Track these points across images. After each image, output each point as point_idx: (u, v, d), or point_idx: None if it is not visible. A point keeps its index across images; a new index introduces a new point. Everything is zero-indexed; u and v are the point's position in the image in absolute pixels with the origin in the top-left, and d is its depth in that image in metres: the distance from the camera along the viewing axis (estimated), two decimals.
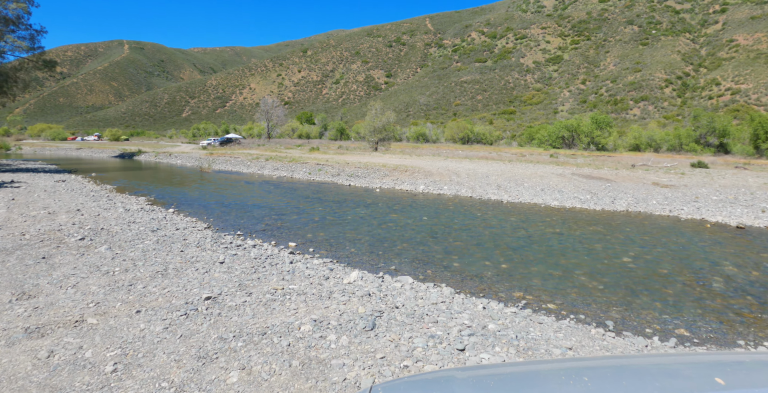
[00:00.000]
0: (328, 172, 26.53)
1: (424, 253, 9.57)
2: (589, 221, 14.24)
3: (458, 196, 19.16)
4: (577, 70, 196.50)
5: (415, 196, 19.20)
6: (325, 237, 11.15)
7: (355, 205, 16.38)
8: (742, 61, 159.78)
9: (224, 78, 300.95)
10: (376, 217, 14.15)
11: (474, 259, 9.23)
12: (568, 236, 11.96)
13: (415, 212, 15.01)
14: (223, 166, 34.77)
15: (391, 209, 15.60)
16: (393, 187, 21.78)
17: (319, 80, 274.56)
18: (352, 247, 10.05)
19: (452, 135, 73.92)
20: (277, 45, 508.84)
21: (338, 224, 12.81)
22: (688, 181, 22.80)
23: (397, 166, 25.40)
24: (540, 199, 18.23)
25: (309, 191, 20.51)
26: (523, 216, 14.84)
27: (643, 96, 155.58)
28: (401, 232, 11.79)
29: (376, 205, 16.41)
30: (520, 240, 11.29)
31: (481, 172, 24.55)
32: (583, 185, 20.72)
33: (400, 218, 13.88)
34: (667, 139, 55.89)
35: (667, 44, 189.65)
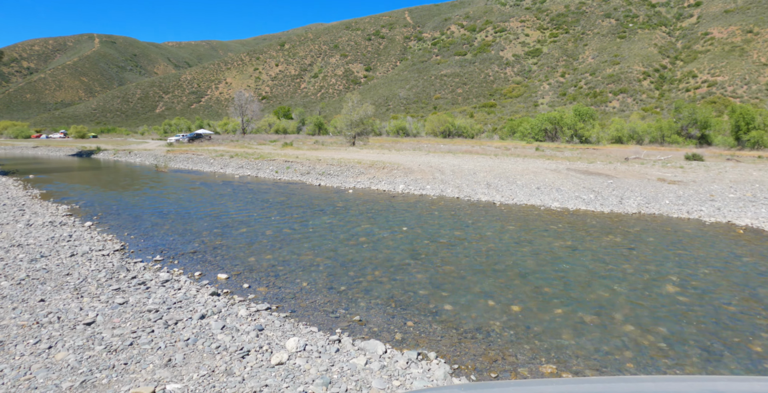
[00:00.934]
0: (296, 171, 23.68)
1: (402, 289, 6.92)
2: (601, 228, 11.80)
3: (443, 197, 16.59)
4: (556, 63, 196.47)
5: (393, 197, 16.56)
6: (271, 262, 8.40)
7: (321, 212, 13.64)
8: (717, 54, 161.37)
9: (199, 72, 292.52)
10: (345, 227, 11.45)
11: (473, 297, 6.62)
12: (584, 252, 9.46)
13: (393, 220, 12.36)
14: (183, 164, 31.54)
15: (364, 216, 12.91)
16: (369, 186, 19.09)
17: (297, 74, 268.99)
18: (305, 280, 7.34)
19: (433, 129, 71.61)
20: (254, 39, 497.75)
21: (295, 241, 10.06)
22: (694, 176, 20.68)
23: (374, 163, 22.70)
24: (538, 199, 15.77)
25: (271, 194, 17.67)
26: (522, 223, 12.33)
27: (622, 88, 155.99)
28: (374, 252, 9.12)
29: (346, 211, 13.70)
30: (526, 260, 8.73)
31: (467, 168, 22.06)
32: (583, 182, 18.38)
33: (374, 229, 11.21)
34: (649, 131, 54.90)
35: (644, 37, 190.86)
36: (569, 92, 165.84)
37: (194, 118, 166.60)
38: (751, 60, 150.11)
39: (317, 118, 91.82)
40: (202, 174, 26.17)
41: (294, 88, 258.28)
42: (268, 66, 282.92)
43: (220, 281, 7.20)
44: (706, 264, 8.73)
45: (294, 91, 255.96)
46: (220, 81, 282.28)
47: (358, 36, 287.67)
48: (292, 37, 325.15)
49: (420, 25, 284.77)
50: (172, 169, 28.98)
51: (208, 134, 67.21)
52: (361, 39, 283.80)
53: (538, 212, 13.95)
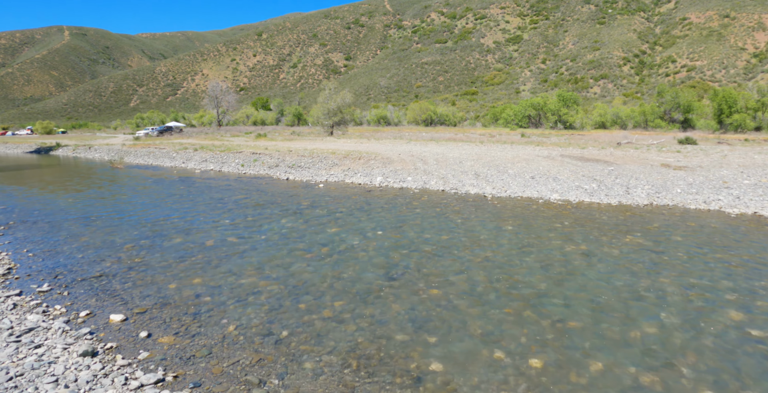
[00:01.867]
0: (264, 163, 21.34)
1: (371, 332, 4.82)
2: (615, 226, 9.87)
3: (427, 190, 14.52)
4: (537, 49, 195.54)
5: (369, 192, 14.42)
6: (197, 289, 6.22)
7: (282, 212, 11.44)
8: (695, 39, 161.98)
9: (174, 64, 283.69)
10: (307, 233, 9.30)
11: (471, 345, 4.56)
12: (605, 260, 7.50)
13: (366, 221, 10.24)
14: (142, 159, 28.86)
15: (332, 217, 10.76)
16: (342, 179, 16.91)
17: (275, 64, 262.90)
18: (234, 320, 5.19)
19: (415, 117, 69.52)
20: (231, 29, 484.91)
21: (238, 255, 7.88)
22: (698, 161, 18.99)
23: (350, 153, 20.49)
24: (534, 190, 13.80)
25: (230, 191, 15.37)
26: (521, 221, 10.33)
27: (603, 74, 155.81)
28: (338, 269, 7.00)
29: (312, 211, 11.53)
30: (535, 275, 6.72)
31: (453, 156, 20.03)
32: (581, 170, 16.49)
33: (341, 235, 9.08)
34: (633, 115, 54.11)
35: (623, 23, 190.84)
36: (550, 79, 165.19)
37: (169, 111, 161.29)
38: (729, 44, 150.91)
39: (296, 109, 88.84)
40: (160, 169, 23.64)
41: (273, 79, 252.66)
42: (245, 56, 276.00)
43: (111, 327, 5.02)
44: (758, 274, 6.84)
45: (273, 81, 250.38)
46: (197, 72, 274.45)
47: (337, 25, 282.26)
48: (270, 26, 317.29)
49: (400, 12, 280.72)
50: (129, 165, 26.34)
51: (179, 127, 63.92)
52: (341, 28, 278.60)
53: (536, 206, 11.98)
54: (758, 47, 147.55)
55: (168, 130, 57.35)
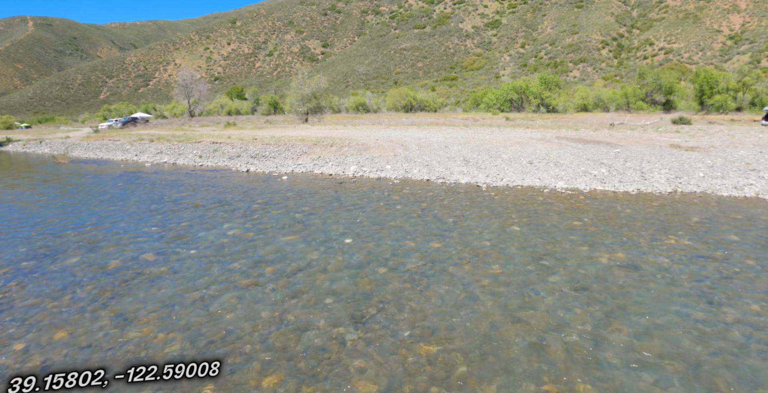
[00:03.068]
0: (225, 154, 18.78)
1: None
2: (647, 222, 7.80)
3: (409, 181, 12.27)
4: (515, 34, 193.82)
5: (341, 184, 12.11)
6: (48, 354, 3.89)
7: (228, 215, 9.07)
8: (672, 22, 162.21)
9: (145, 54, 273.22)
10: (251, 245, 6.98)
11: None
12: (658, 279, 5.39)
13: (332, 224, 7.96)
14: (92, 152, 25.90)
15: (290, 220, 8.44)
16: (311, 170, 14.52)
17: (251, 53, 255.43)
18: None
19: (394, 103, 67.14)
20: (204, 17, 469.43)
21: (143, 283, 5.52)
22: (707, 142, 17.16)
23: (321, 140, 18.07)
24: (535, 178, 11.66)
25: (174, 187, 12.87)
26: (528, 217, 8.18)
27: (582, 58, 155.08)
28: (280, 307, 4.72)
29: (267, 212, 9.18)
30: (571, 310, 4.55)
31: (437, 140, 17.83)
32: (584, 153, 14.44)
33: (297, 246, 6.79)
34: (615, 98, 53.10)
35: (601, 6, 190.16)
36: (530, 63, 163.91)
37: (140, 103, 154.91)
38: (705, 27, 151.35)
39: (272, 97, 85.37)
40: (107, 163, 20.86)
41: (248, 68, 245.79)
42: (219, 45, 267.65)
43: None
44: None
45: (248, 70, 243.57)
46: (169, 62, 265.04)
47: (313, 11, 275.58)
48: (244, 13, 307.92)
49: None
50: (75, 160, 23.41)
51: (145, 118, 60.23)
52: (317, 14, 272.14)
53: (542, 197, 9.85)
54: (733, 29, 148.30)
55: (132, 122, 53.76)
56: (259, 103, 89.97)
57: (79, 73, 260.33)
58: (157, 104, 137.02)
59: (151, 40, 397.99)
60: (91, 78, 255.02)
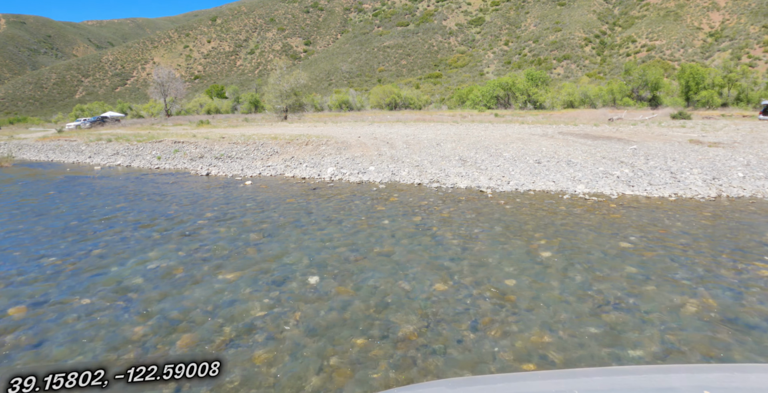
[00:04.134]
0: (186, 155, 16.47)
1: None
2: (713, 240, 5.87)
3: (396, 185, 10.20)
4: (499, 31, 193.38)
5: (315, 190, 9.98)
6: None
7: (161, 237, 6.89)
8: (653, 19, 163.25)
9: (123, 52, 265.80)
10: (173, 288, 4.83)
11: None
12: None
13: (295, 252, 5.84)
14: (45, 154, 23.29)
15: (240, 243, 6.31)
16: (281, 172, 12.34)
17: (231, 51, 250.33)
18: None
19: (378, 101, 65.16)
20: (185, 15, 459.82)
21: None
22: (725, 137, 15.47)
23: (295, 138, 15.89)
24: (549, 181, 9.68)
25: (111, 197, 10.58)
26: (557, 236, 6.18)
27: (566, 55, 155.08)
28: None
29: (212, 231, 7.02)
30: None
31: (426, 137, 15.82)
32: (597, 150, 12.56)
33: (238, 291, 4.66)
34: (601, 94, 52.19)
35: (583, 4, 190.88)
36: (514, 60, 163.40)
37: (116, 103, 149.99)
38: (686, 24, 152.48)
39: (252, 96, 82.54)
40: (53, 167, 18.38)
41: (229, 66, 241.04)
42: (199, 43, 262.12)
43: None
44: None
45: (230, 68, 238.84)
46: (147, 61, 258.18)
47: (295, 8, 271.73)
48: (225, 11, 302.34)
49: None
50: (20, 162, 20.80)
51: (116, 117, 57.07)
52: (299, 11, 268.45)
53: (564, 206, 7.87)
54: (713, 27, 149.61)
55: (101, 121, 50.66)
56: (239, 102, 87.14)
57: (53, 72, 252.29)
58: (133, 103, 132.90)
59: (129, 39, 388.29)
60: (66, 77, 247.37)
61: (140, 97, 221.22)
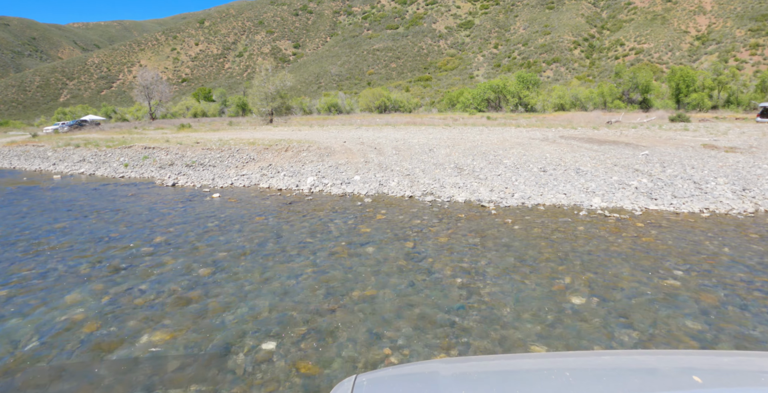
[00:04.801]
0: (156, 162, 15.03)
1: None
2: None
3: (384, 198, 8.91)
4: (488, 34, 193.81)
5: (290, 204, 8.64)
6: None
7: (93, 267, 5.52)
8: (641, 23, 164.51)
9: (108, 55, 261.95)
10: (76, 357, 3.48)
11: None
12: None
13: (250, 296, 4.51)
14: (8, 160, 21.60)
15: (185, 282, 4.96)
16: (256, 183, 10.97)
17: (220, 54, 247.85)
18: None
19: (367, 104, 64.06)
20: (173, 18, 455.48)
21: None
22: (738, 141, 14.41)
23: (275, 143, 14.52)
24: (559, 193, 8.44)
25: (59, 213, 9.15)
26: (586, 271, 4.92)
27: (555, 58, 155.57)
28: None
29: (154, 262, 5.66)
30: None
31: (417, 142, 14.57)
32: (605, 156, 11.38)
33: (162, 362, 3.32)
34: (592, 97, 51.81)
35: (571, 8, 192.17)
36: (504, 63, 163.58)
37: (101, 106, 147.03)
38: (673, 28, 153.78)
39: (240, 99, 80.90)
40: (11, 174, 16.79)
41: (217, 69, 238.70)
42: (187, 46, 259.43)
43: None
44: None
45: (217, 71, 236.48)
46: (134, 63, 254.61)
47: (284, 11, 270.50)
48: (213, 13, 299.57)
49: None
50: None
51: (96, 121, 55.17)
52: (288, 14, 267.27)
53: (582, 226, 6.62)
54: (700, 30, 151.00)
55: (79, 125, 48.79)
56: (226, 105, 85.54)
57: (37, 74, 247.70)
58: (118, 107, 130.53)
59: (116, 41, 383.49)
60: (50, 80, 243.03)
61: (126, 101, 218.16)
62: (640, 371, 1.31)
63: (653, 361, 1.41)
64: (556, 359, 1.48)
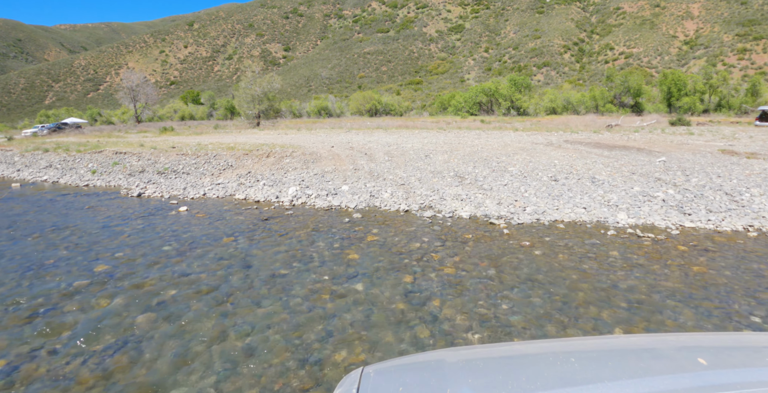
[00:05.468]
0: (126, 168, 13.71)
1: None
2: None
3: (376, 212, 7.73)
4: (479, 38, 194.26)
5: (266, 220, 7.42)
6: None
7: (1, 318, 4.27)
8: (630, 27, 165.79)
9: (96, 57, 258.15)
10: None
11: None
12: None
13: (193, 368, 3.31)
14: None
15: (114, 342, 3.74)
16: (231, 193, 9.73)
17: (209, 56, 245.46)
18: None
19: (358, 107, 63.02)
20: (162, 20, 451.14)
21: None
22: (755, 146, 13.45)
23: (257, 148, 13.27)
24: (577, 207, 7.31)
25: (7, 226, 7.85)
26: (632, 317, 3.77)
27: (545, 62, 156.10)
28: None
29: (86, 305, 4.42)
30: None
31: (412, 147, 13.43)
32: (619, 163, 10.32)
33: None
34: (583, 100, 51.33)
35: (561, 12, 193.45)
36: (494, 67, 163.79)
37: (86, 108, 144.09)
38: (661, 32, 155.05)
39: (228, 102, 79.39)
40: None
41: (206, 72, 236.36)
42: (175, 48, 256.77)
43: None
44: None
45: (207, 74, 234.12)
46: (121, 66, 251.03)
47: (274, 14, 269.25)
48: (202, 16, 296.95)
49: (340, 2, 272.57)
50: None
51: (77, 124, 53.26)
52: (278, 17, 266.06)
53: (615, 249, 5.49)
54: (688, 35, 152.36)
55: (59, 128, 46.99)
56: (215, 108, 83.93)
57: (22, 76, 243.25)
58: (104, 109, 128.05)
59: (103, 43, 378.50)
60: (35, 82, 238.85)
61: (113, 103, 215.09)
62: (645, 355, 1.29)
63: (658, 345, 1.38)
64: (561, 344, 1.44)
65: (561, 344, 1.47)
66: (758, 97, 47.53)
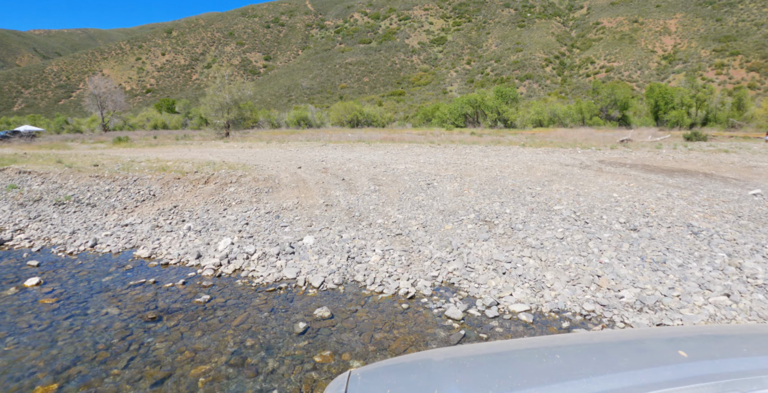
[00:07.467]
0: (21, 195, 10.07)
1: None
2: None
3: (353, 298, 4.39)
4: (461, 50, 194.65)
5: (153, 324, 4.03)
6: None
7: None
8: (610, 42, 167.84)
9: (69, 63, 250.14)
10: None
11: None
12: None
13: None
14: None
15: None
16: (134, 245, 6.23)
17: (187, 64, 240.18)
18: None
19: (339, 118, 59.95)
20: (140, 27, 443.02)
21: None
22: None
23: (199, 168, 9.78)
24: (706, 289, 4.12)
25: None
26: None
27: (527, 74, 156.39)
28: None
29: None
30: None
31: (405, 168, 10.18)
32: (705, 199, 7.23)
33: None
34: (570, 113, 49.82)
35: (542, 26, 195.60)
36: (477, 79, 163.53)
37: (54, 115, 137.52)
38: (640, 47, 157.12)
39: None
40: None
41: (184, 80, 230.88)
42: (153, 55, 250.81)
43: None
44: None
45: (184, 83, 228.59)
46: (95, 72, 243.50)
47: (255, 23, 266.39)
48: (182, 24, 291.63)
49: (322, 12, 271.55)
50: None
51: (31, 132, 48.73)
52: (259, 26, 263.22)
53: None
54: (666, 50, 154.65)
55: (5, 138, 42.51)
56: (189, 117, 79.73)
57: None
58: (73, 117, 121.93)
59: (79, 49, 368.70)
60: (3, 88, 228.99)
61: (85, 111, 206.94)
62: (628, 349, 1.33)
63: (641, 340, 1.42)
64: (547, 340, 1.48)
65: (547, 341, 1.46)
66: (744, 111, 46.50)
